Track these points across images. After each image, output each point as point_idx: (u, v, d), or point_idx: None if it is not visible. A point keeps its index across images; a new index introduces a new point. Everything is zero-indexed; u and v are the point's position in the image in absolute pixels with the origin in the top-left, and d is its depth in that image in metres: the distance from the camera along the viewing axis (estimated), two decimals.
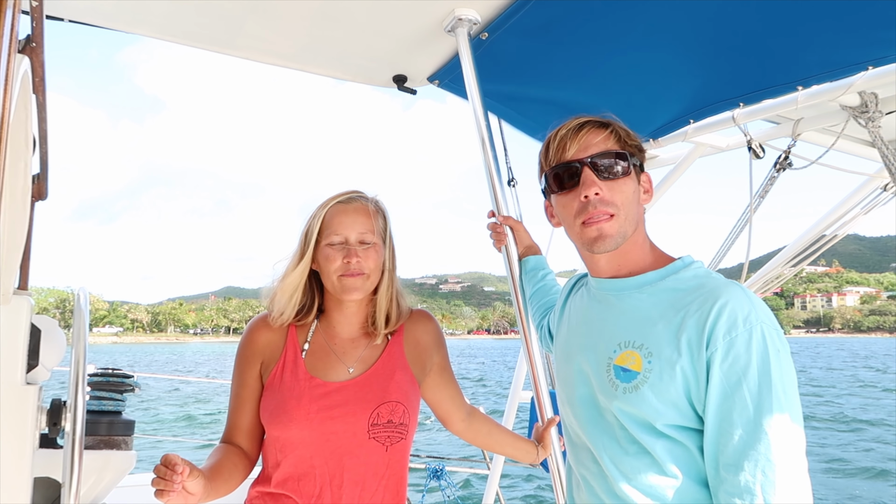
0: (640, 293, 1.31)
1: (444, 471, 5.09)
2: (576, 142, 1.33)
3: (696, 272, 1.30)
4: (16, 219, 1.16)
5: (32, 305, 1.25)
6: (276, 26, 2.16)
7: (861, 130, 2.33)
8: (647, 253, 1.37)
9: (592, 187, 1.29)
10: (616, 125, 1.36)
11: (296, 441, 1.53)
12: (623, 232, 1.31)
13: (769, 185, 2.77)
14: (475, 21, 2.04)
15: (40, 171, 1.63)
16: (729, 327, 1.13)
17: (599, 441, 1.31)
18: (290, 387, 1.57)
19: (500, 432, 1.96)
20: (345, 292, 1.60)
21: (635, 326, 1.27)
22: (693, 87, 2.40)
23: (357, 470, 1.54)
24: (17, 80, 0.91)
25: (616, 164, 1.31)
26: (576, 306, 1.52)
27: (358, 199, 1.66)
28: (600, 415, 1.31)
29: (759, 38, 1.99)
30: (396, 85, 2.58)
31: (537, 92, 2.56)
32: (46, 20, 1.18)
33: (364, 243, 1.61)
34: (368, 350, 1.66)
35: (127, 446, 2.08)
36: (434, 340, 1.77)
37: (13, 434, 1.16)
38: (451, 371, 1.84)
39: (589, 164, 1.31)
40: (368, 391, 1.58)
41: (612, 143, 1.33)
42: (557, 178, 1.36)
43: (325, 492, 1.53)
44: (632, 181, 1.33)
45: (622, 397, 1.23)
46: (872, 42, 1.87)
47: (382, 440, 1.55)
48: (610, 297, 1.37)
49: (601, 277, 1.39)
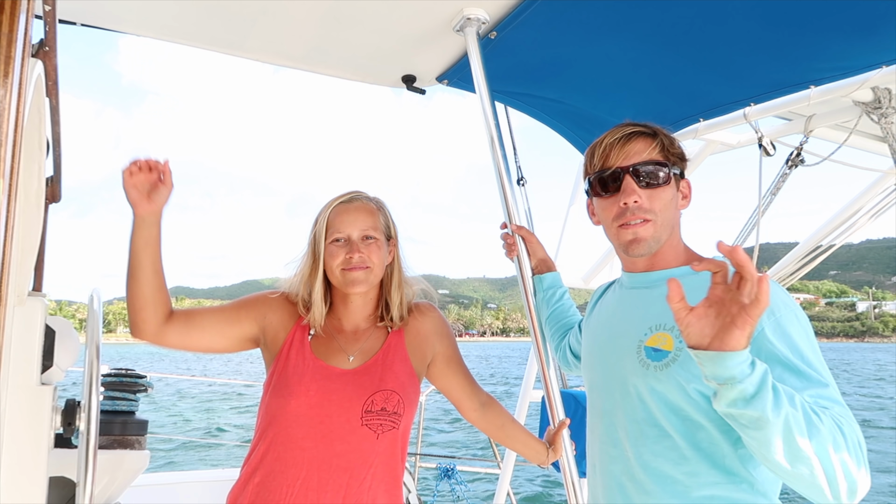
0: None
1: (455, 470, 5.10)
2: (621, 150, 1.40)
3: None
4: (30, 221, 1.17)
5: (47, 307, 1.26)
6: (285, 28, 2.17)
7: (874, 126, 2.32)
8: (680, 253, 1.44)
9: (632, 195, 1.37)
10: (662, 135, 1.42)
11: (290, 417, 1.57)
12: (658, 237, 1.39)
13: (781, 182, 2.75)
14: (484, 20, 2.04)
15: (54, 173, 1.64)
16: (771, 309, 1.19)
17: (622, 424, 1.37)
18: (295, 364, 1.63)
19: (514, 428, 1.96)
20: (348, 285, 1.66)
21: (667, 311, 1.28)
22: (704, 86, 2.38)
23: (346, 456, 1.56)
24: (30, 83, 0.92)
25: (656, 173, 1.38)
26: (607, 304, 1.60)
27: (359, 198, 1.73)
28: (626, 397, 1.36)
29: (772, 39, 1.98)
30: (405, 85, 2.58)
31: (547, 91, 2.56)
32: (59, 24, 1.19)
33: (367, 238, 1.67)
34: (370, 342, 1.72)
35: (140, 446, 2.09)
36: (435, 331, 1.80)
37: (29, 434, 1.18)
38: (460, 361, 1.86)
39: (631, 173, 1.38)
40: (366, 380, 1.63)
41: (656, 153, 1.40)
42: (600, 183, 1.43)
43: (311, 476, 1.55)
44: (670, 189, 1.40)
45: (653, 375, 1.29)
46: (887, 43, 1.86)
47: (374, 427, 1.59)
48: (642, 288, 1.45)
49: (635, 272, 1.47)
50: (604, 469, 1.42)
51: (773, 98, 2.30)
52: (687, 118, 2.63)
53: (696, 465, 1.25)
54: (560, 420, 1.94)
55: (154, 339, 1.56)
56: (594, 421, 1.49)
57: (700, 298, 1.26)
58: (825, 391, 1.11)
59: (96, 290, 1.46)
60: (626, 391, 1.36)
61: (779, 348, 1.16)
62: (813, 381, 1.12)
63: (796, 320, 1.21)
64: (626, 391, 1.36)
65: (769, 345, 1.16)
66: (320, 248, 1.67)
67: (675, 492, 1.26)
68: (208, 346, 1.66)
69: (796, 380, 1.13)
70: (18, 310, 1.17)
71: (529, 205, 2.73)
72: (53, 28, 1.13)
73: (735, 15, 1.91)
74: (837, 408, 1.08)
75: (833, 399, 1.10)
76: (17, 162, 0.62)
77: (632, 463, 1.33)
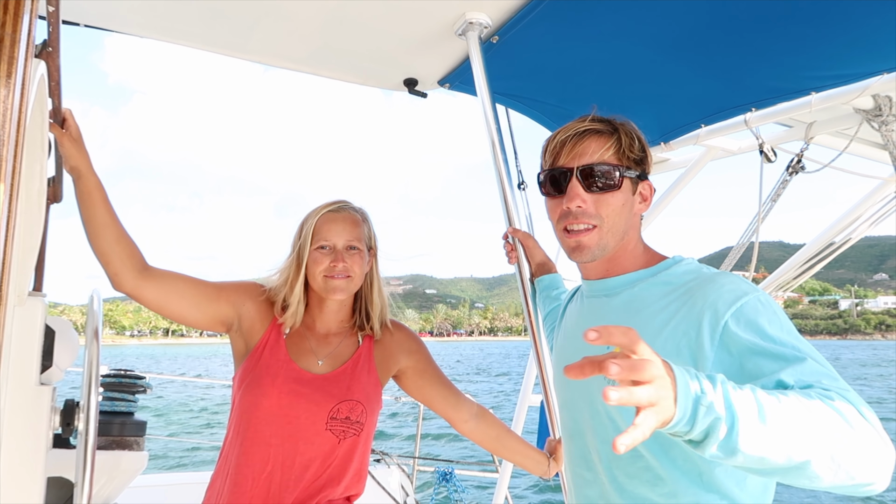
0: (632, 289, 1.30)
1: (452, 474, 5.08)
2: (571, 149, 1.30)
3: (687, 267, 1.28)
4: (31, 221, 1.17)
5: (47, 307, 1.26)
6: (287, 30, 2.18)
7: (875, 134, 2.32)
8: (638, 256, 1.35)
9: (575, 199, 1.28)
10: (622, 132, 1.31)
11: (261, 415, 1.65)
12: (603, 244, 1.29)
13: (781, 188, 2.75)
14: (486, 25, 2.04)
15: (55, 174, 1.65)
16: (731, 300, 1.11)
17: (594, 445, 1.28)
18: (269, 363, 1.69)
19: (510, 439, 1.95)
20: (329, 292, 1.72)
21: (629, 319, 1.25)
22: (706, 92, 2.39)
23: (308, 455, 1.66)
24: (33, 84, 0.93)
25: (607, 175, 1.28)
26: (571, 313, 1.52)
27: (346, 208, 1.79)
28: (595, 416, 1.28)
29: (773, 45, 1.98)
30: (407, 88, 2.58)
31: (548, 95, 2.56)
32: (64, 25, 1.19)
33: (351, 248, 1.74)
34: (340, 348, 1.79)
35: (139, 447, 2.09)
36: (402, 348, 1.87)
37: (27, 434, 1.17)
38: (435, 373, 1.90)
39: (577, 175, 1.28)
40: (335, 387, 1.71)
41: (609, 155, 1.29)
42: (550, 181, 1.34)
43: (276, 471, 1.64)
44: (622, 193, 1.29)
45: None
46: (887, 51, 1.86)
47: (337, 433, 1.68)
48: (602, 296, 1.36)
49: (591, 279, 1.39)
50: (579, 493, 1.34)
51: (774, 104, 2.30)
52: (688, 124, 2.63)
53: (672, 485, 1.16)
54: None
55: (132, 291, 1.61)
56: (566, 443, 1.41)
57: (662, 296, 1.22)
58: (803, 366, 1.00)
59: (96, 291, 1.46)
60: (594, 410, 1.28)
61: (745, 338, 1.07)
62: (789, 359, 1.01)
63: (758, 304, 1.11)
64: (595, 410, 1.28)
65: (736, 338, 1.08)
66: (304, 253, 1.73)
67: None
68: (181, 315, 1.69)
69: (771, 362, 1.03)
70: (18, 310, 1.17)
71: (530, 209, 2.73)
72: (57, 29, 1.14)
73: (737, 22, 1.91)
74: (824, 380, 0.98)
75: (814, 371, 1.00)
76: (20, 162, 0.62)
77: (606, 487, 1.25)
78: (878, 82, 2.03)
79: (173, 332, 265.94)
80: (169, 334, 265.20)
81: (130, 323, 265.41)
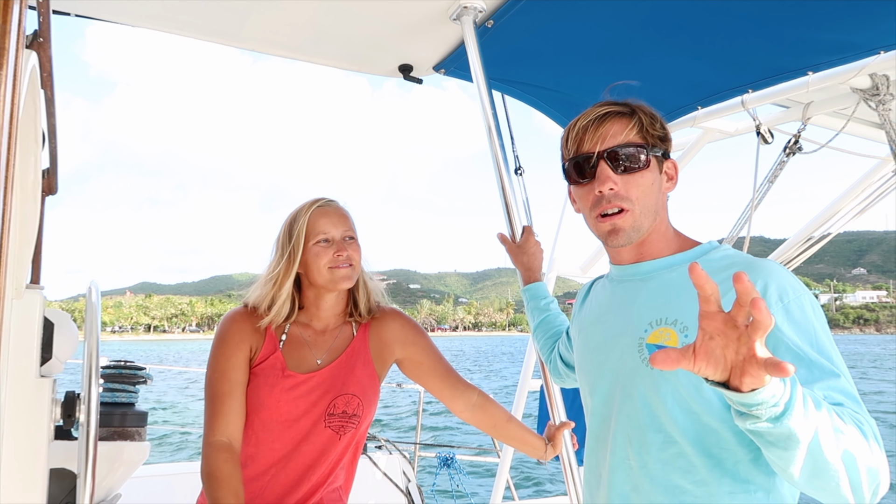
0: (670, 273, 1.29)
1: (454, 459, 5.11)
2: (595, 133, 1.29)
3: (725, 253, 1.28)
4: (27, 214, 1.17)
5: (45, 299, 1.26)
6: (281, 18, 2.16)
7: (872, 113, 2.31)
8: (670, 239, 1.34)
9: (607, 182, 1.26)
10: (641, 113, 1.31)
11: (262, 424, 1.69)
12: (638, 226, 1.28)
13: (778, 169, 2.75)
14: (480, 9, 2.03)
15: (50, 165, 1.64)
16: (780, 294, 1.12)
17: (624, 430, 1.26)
18: (267, 375, 1.71)
19: (509, 426, 1.97)
20: (338, 282, 1.73)
21: (667, 303, 1.24)
22: (702, 74, 2.38)
23: (310, 455, 1.69)
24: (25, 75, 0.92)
25: (634, 156, 1.27)
26: (596, 301, 1.48)
27: (334, 202, 1.82)
28: (627, 400, 1.26)
29: (770, 25, 1.97)
30: (402, 74, 2.57)
31: (543, 79, 2.55)
32: (53, 15, 1.18)
33: (348, 238, 1.77)
34: (338, 340, 1.81)
35: (140, 437, 2.10)
36: (397, 339, 1.87)
37: (29, 426, 1.18)
38: (434, 364, 1.90)
39: (605, 158, 1.27)
40: (331, 383, 1.73)
41: (633, 135, 1.28)
42: (576, 169, 1.32)
43: (279, 473, 1.68)
44: (650, 173, 1.28)
45: (659, 375, 1.18)
46: (884, 28, 1.85)
47: (336, 429, 1.71)
48: (636, 280, 1.34)
49: (622, 264, 1.37)
50: (608, 479, 1.29)
51: (771, 84, 2.29)
52: (685, 106, 2.62)
53: (705, 473, 1.15)
54: (562, 421, 1.96)
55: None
56: (594, 428, 1.37)
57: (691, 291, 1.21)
58: (836, 382, 1.03)
59: (94, 283, 1.46)
60: (627, 394, 1.25)
61: (787, 335, 1.08)
62: (825, 372, 1.04)
63: (808, 305, 1.12)
64: (628, 394, 1.25)
65: (777, 332, 1.08)
66: (299, 251, 1.73)
67: (685, 502, 1.16)
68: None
69: (806, 371, 1.05)
70: (16, 302, 1.17)
71: (527, 194, 2.73)
72: (47, 19, 1.13)
73: (732, 2, 1.90)
74: (851, 402, 1.02)
75: (845, 391, 1.03)
76: (13, 154, 0.62)
77: (636, 473, 1.22)
78: (875, 61, 2.02)
79: (155, 328, 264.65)
80: (151, 330, 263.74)
81: (111, 319, 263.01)
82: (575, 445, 1.98)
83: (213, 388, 1.68)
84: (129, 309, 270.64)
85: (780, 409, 0.87)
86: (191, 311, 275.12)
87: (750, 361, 0.83)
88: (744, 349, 0.84)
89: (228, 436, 1.63)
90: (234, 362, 1.70)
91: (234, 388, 1.68)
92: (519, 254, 2.01)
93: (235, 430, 1.65)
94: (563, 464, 1.96)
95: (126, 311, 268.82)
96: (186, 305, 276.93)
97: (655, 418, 1.20)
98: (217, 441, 1.61)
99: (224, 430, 1.63)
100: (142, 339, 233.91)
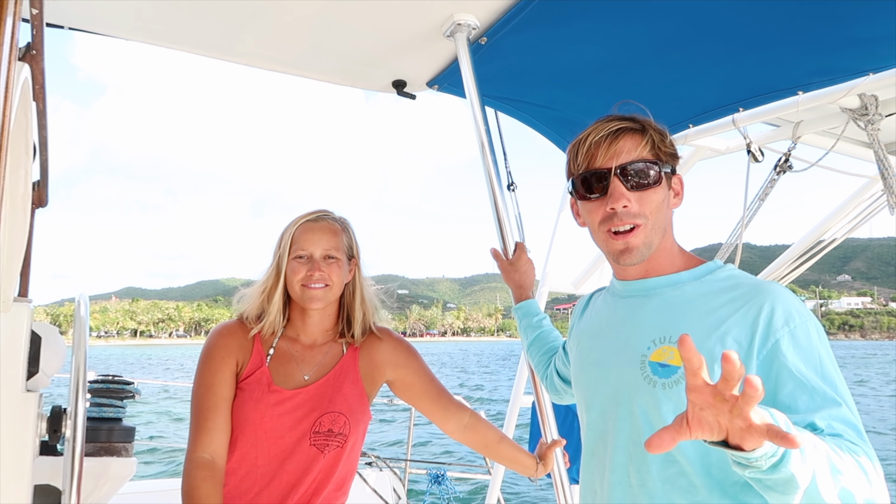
0: (675, 290, 1.28)
1: (444, 476, 5.08)
2: (608, 148, 1.27)
3: (730, 272, 1.28)
4: (16, 226, 1.16)
5: (32, 312, 1.25)
6: (275, 32, 2.16)
7: (861, 133, 2.34)
8: (675, 256, 1.33)
9: (621, 199, 1.25)
10: (652, 130, 1.31)
11: (247, 439, 1.66)
12: (649, 242, 1.27)
13: (769, 187, 2.76)
14: (474, 26, 2.04)
15: (40, 178, 1.63)
16: (787, 319, 1.12)
17: (624, 447, 1.25)
18: (252, 390, 1.69)
19: (500, 445, 1.95)
20: (307, 301, 1.72)
21: (671, 322, 1.23)
22: (693, 92, 2.40)
23: (293, 472, 1.67)
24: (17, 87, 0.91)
25: (647, 173, 1.26)
26: (596, 315, 1.47)
27: (325, 218, 1.79)
28: (628, 417, 1.24)
29: (761, 46, 2.00)
30: (396, 90, 2.58)
31: (536, 96, 2.56)
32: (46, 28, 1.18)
33: (328, 258, 1.73)
34: (327, 358, 1.79)
35: (127, 453, 2.07)
36: (389, 361, 1.84)
37: (13, 441, 1.16)
38: (425, 386, 1.88)
39: (618, 174, 1.26)
40: (317, 401, 1.71)
41: (646, 151, 1.27)
42: (585, 184, 1.30)
43: (263, 491, 1.66)
44: (662, 189, 1.28)
45: (661, 394, 1.17)
46: (873, 53, 1.87)
47: (321, 447, 1.68)
48: (639, 296, 1.33)
49: (627, 280, 1.36)
50: (606, 497, 1.28)
51: (762, 103, 2.31)
52: (676, 124, 2.64)
53: (705, 494, 1.13)
54: (554, 438, 1.95)
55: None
56: (590, 443, 1.36)
57: (708, 300, 1.21)
58: (838, 411, 1.03)
59: (83, 296, 1.45)
60: (627, 410, 1.24)
61: (791, 362, 1.08)
62: (827, 400, 1.04)
63: (814, 331, 1.12)
64: (629, 410, 1.24)
65: (782, 357, 1.09)
66: (283, 263, 1.73)
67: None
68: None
69: (808, 399, 1.05)
70: (4, 316, 1.16)
71: (520, 210, 2.73)
72: (41, 32, 1.12)
73: (724, 22, 1.92)
74: (851, 432, 1.02)
75: (846, 420, 1.03)
76: (4, 166, 0.61)
77: (635, 491, 1.21)
78: (865, 82, 2.05)
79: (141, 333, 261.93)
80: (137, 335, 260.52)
81: (97, 324, 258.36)
82: (567, 464, 1.97)
83: (199, 403, 1.67)
84: (116, 314, 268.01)
85: (779, 458, 0.86)
86: (178, 316, 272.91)
87: (749, 430, 0.83)
88: (738, 421, 0.83)
89: (212, 452, 1.61)
90: (221, 377, 1.69)
91: (220, 404, 1.66)
92: (511, 272, 2.01)
93: (220, 446, 1.63)
94: (555, 482, 1.95)
95: (112, 315, 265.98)
96: (173, 310, 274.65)
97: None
98: (198, 458, 1.60)
99: (207, 447, 1.61)
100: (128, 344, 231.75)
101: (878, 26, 1.76)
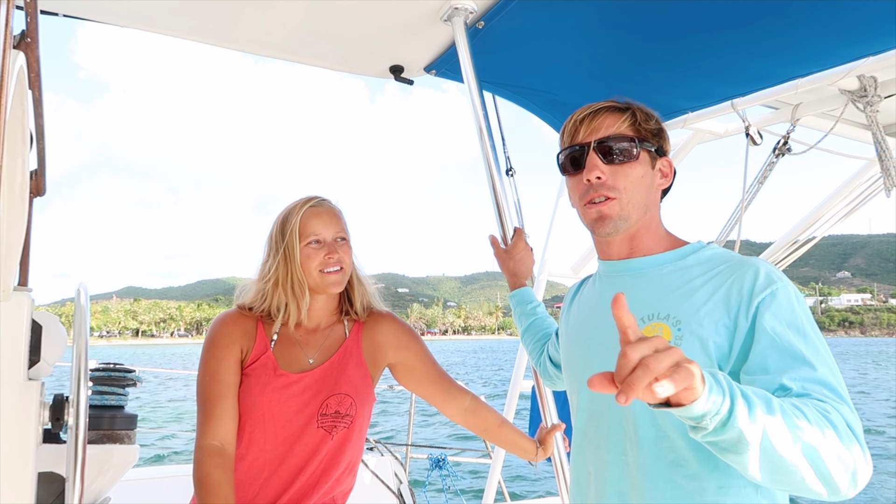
0: (661, 269, 1.30)
1: (445, 460, 5.12)
2: (588, 125, 1.33)
3: (715, 251, 1.30)
4: (15, 215, 1.16)
5: (33, 302, 1.25)
6: (271, 18, 2.15)
7: (860, 114, 2.33)
8: (661, 237, 1.36)
9: (594, 171, 1.29)
10: (635, 108, 1.35)
11: (254, 425, 1.67)
12: (625, 216, 1.30)
13: (768, 170, 2.76)
14: (471, 10, 2.03)
15: (38, 166, 1.62)
16: (767, 283, 1.15)
17: (617, 426, 1.26)
18: (258, 375, 1.70)
19: (501, 429, 1.97)
20: (328, 286, 1.73)
21: (659, 299, 1.25)
22: (691, 77, 2.39)
23: (301, 455, 1.67)
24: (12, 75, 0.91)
25: (624, 148, 1.30)
26: (585, 299, 1.49)
27: (326, 202, 1.80)
28: None
29: (760, 34, 1.98)
30: (393, 75, 2.57)
31: (534, 81, 2.55)
32: (41, 15, 1.17)
33: (340, 240, 1.76)
34: (330, 339, 1.80)
35: (130, 440, 2.08)
36: (391, 343, 1.85)
37: (17, 430, 1.17)
38: (426, 370, 1.89)
39: (595, 148, 1.31)
40: (323, 383, 1.71)
41: (625, 128, 1.32)
42: (569, 160, 1.36)
43: (272, 475, 1.66)
44: (640, 165, 1.31)
45: None
46: (873, 38, 1.86)
47: (328, 429, 1.69)
48: (626, 276, 1.35)
49: (613, 259, 1.38)
50: (599, 476, 1.29)
51: (761, 89, 2.31)
52: (675, 108, 2.64)
53: (697, 466, 1.15)
54: (554, 423, 1.96)
55: None
56: (581, 425, 1.38)
57: (694, 277, 1.24)
58: (810, 372, 1.04)
59: (83, 285, 1.45)
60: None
61: (767, 322, 1.11)
62: (797, 360, 1.06)
63: (794, 295, 1.15)
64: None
65: (760, 318, 1.12)
66: (294, 250, 1.71)
67: (677, 498, 1.16)
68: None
69: (779, 358, 1.07)
70: (4, 305, 1.16)
71: (518, 195, 2.73)
72: (35, 19, 1.12)
73: (723, 6, 1.91)
74: (826, 391, 1.02)
75: (820, 381, 1.03)
76: (1, 155, 0.61)
77: (630, 469, 1.22)
78: (864, 64, 2.04)
79: (143, 332, 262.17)
80: (139, 335, 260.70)
81: (98, 324, 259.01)
82: (567, 448, 1.98)
83: (205, 392, 1.67)
84: (117, 314, 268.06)
85: (725, 415, 0.88)
86: (179, 315, 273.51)
87: (653, 379, 0.82)
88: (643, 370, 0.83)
89: (221, 439, 1.62)
90: (226, 365, 1.69)
91: (226, 391, 1.67)
92: (506, 259, 2.01)
93: (228, 433, 1.64)
94: (555, 465, 1.97)
95: (114, 315, 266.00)
96: (175, 310, 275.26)
97: (650, 415, 1.20)
98: (208, 445, 1.61)
99: (216, 434, 1.62)
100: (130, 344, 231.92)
101: (876, 11, 1.75)
